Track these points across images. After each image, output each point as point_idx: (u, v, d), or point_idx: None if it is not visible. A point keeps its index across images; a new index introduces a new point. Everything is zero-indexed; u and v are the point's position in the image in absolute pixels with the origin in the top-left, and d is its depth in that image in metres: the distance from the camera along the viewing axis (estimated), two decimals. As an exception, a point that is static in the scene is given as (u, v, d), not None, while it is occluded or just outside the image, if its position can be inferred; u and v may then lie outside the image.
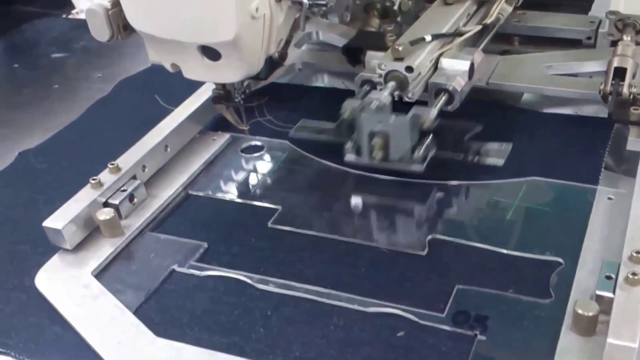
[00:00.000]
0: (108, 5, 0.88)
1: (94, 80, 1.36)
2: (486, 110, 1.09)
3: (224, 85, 0.96)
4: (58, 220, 0.88)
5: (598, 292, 0.73)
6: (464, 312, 0.79)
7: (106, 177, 0.93)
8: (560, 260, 0.83)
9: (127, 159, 0.96)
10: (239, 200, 0.99)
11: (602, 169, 0.96)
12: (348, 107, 0.93)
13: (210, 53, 0.83)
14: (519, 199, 0.94)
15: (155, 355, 0.75)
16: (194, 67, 0.86)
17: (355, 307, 0.80)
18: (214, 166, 1.05)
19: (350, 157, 0.96)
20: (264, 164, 1.06)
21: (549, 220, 0.91)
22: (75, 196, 0.91)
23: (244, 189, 1.01)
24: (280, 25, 0.85)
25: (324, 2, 0.86)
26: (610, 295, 0.72)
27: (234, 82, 0.90)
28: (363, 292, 0.82)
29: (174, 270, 0.87)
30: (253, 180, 1.03)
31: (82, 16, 1.56)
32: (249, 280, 0.85)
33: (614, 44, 1.06)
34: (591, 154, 0.99)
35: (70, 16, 1.63)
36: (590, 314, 0.71)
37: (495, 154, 1.02)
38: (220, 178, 1.02)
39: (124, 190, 0.93)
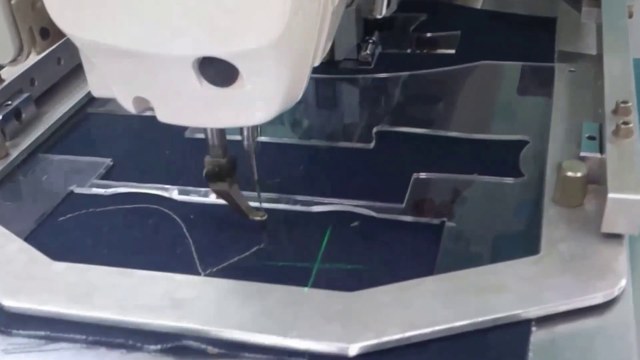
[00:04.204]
0: None
1: None
2: (422, 6, 0.99)
3: (224, 151, 0.61)
4: None
5: (583, 154, 0.62)
6: (427, 199, 0.67)
7: (-14, 89, 0.77)
8: (526, 138, 0.73)
9: (12, 70, 0.80)
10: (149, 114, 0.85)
11: (556, 48, 0.86)
12: None
13: (219, 73, 0.47)
14: (471, 83, 0.84)
15: (53, 281, 0.58)
16: (180, 103, 0.50)
17: (297, 207, 0.67)
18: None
19: None
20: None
21: (507, 100, 0.80)
22: None
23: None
24: (336, 9, 0.50)
25: None
26: (597, 155, 0.61)
27: (260, 123, 0.52)
28: (304, 192, 0.68)
29: (72, 192, 0.71)
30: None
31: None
32: (165, 194, 0.70)
33: None
34: (540, 38, 0.89)
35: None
36: (579, 174, 0.60)
37: (445, 42, 0.91)
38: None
39: (8, 105, 0.77)
